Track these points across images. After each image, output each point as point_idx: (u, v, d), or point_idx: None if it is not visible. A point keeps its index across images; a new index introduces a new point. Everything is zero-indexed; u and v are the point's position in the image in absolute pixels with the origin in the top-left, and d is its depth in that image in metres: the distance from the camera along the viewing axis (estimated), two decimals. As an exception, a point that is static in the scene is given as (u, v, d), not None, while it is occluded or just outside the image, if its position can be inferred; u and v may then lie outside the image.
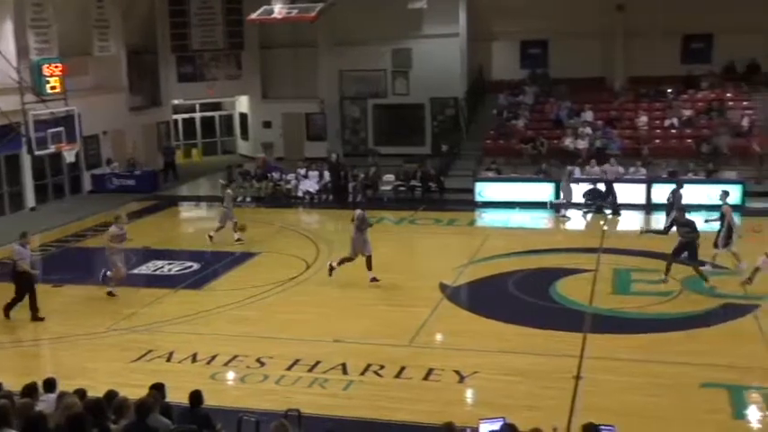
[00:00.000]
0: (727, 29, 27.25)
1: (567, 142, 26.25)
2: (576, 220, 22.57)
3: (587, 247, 19.06)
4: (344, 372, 12.13)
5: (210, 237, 20.11)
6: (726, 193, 17.47)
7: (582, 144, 26.03)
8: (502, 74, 30.57)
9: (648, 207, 22.88)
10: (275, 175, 26.86)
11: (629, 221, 22.12)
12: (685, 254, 15.63)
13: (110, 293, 16.08)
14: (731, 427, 10.24)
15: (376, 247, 16.58)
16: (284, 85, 32.66)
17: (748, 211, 21.72)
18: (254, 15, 23.01)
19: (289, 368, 12.26)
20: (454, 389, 11.58)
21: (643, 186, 23.42)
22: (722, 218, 16.50)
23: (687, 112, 27.02)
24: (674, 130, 26.74)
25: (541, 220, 22.85)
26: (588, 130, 26.59)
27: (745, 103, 27.17)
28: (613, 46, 28.71)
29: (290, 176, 26.54)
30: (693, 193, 22.52)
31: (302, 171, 26.46)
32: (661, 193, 22.83)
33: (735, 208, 21.66)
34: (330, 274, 16.48)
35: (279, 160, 29.78)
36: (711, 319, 14.11)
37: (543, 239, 20.01)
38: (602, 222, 21.91)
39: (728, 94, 27.62)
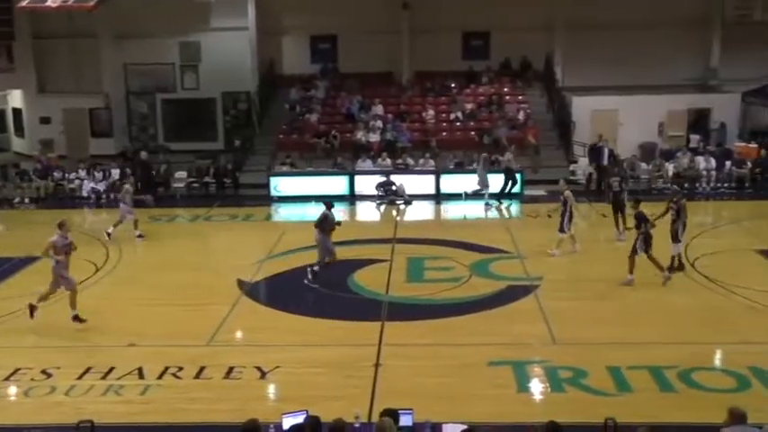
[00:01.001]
0: (503, 28, 29.09)
1: (359, 136, 26.83)
2: (370, 212, 23.17)
3: (382, 237, 19.61)
4: (141, 376, 11.67)
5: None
6: (568, 181, 18.65)
7: (374, 137, 26.72)
8: (293, 68, 30.64)
9: (438, 197, 23.95)
10: (57, 174, 25.27)
11: (421, 211, 23.06)
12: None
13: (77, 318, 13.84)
14: (516, 401, 10.93)
15: (170, 246, 16.07)
16: (63, 78, 30.61)
17: (526, 199, 23.35)
18: (24, 3, 21.44)
19: (79, 377, 11.60)
20: (256, 385, 11.50)
21: (432, 177, 24.49)
22: (565, 203, 17.51)
23: (469, 106, 28.52)
24: (458, 123, 28.13)
25: (338, 212, 23.18)
26: (379, 123, 27.34)
27: (520, 97, 29.13)
28: (400, 42, 29.67)
29: (73, 175, 25.10)
30: (476, 182, 24.01)
31: (84, 170, 25.11)
32: (450, 183, 24.10)
33: (515, 196, 23.44)
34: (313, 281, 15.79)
35: (61, 158, 27.97)
36: (497, 300, 15.01)
37: (340, 232, 20.29)
38: (395, 213, 22.65)
39: (505, 89, 29.48)
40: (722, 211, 22.22)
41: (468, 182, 23.63)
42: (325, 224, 15.81)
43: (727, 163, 24.44)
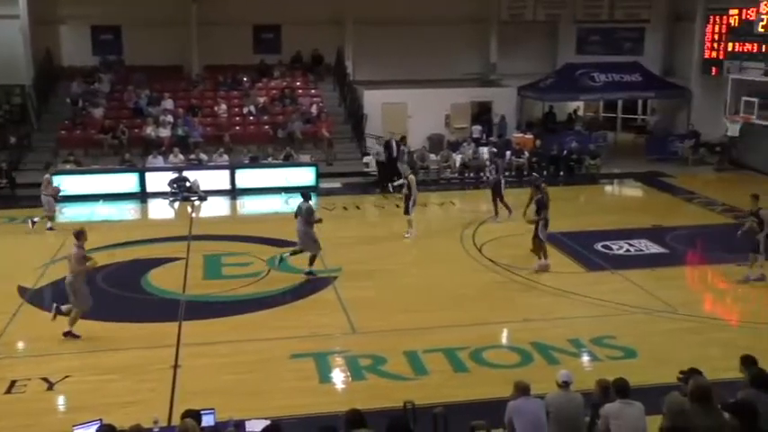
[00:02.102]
0: (293, 21, 29.15)
1: (149, 131, 25.83)
2: (164, 209, 22.41)
3: (177, 235, 19.04)
4: None
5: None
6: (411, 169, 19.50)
7: (164, 132, 25.83)
8: (73, 60, 28.89)
9: (234, 192, 23.62)
10: None
11: (216, 207, 22.63)
12: None
13: (69, 333, 12.70)
14: (319, 392, 11.06)
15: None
16: None
17: (321, 191, 23.60)
18: None
19: None
20: (43, 398, 10.78)
21: (227, 172, 24.09)
22: (409, 187, 18.30)
23: (262, 100, 28.34)
24: (252, 117, 27.86)
25: (127, 211, 22.28)
26: (169, 118, 26.46)
27: (313, 91, 29.36)
28: (188, 35, 28.84)
29: None
30: (273, 177, 24.02)
31: None
32: (245, 178, 23.83)
33: (311, 189, 23.60)
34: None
35: None
36: (297, 293, 15.07)
37: (131, 231, 19.49)
38: (189, 209, 22.06)
39: (298, 83, 29.60)
40: (505, 199, 23.59)
41: (264, 177, 23.60)
42: (309, 215, 15.61)
43: (507, 153, 26.06)
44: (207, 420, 8.05)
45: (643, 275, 15.78)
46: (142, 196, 23.21)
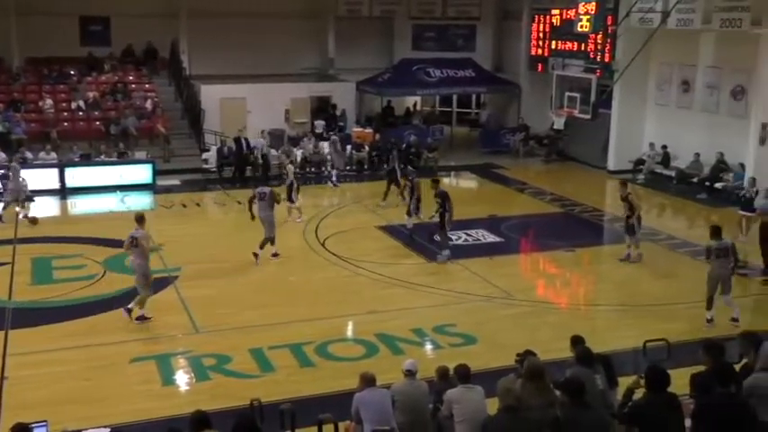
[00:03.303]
0: (123, 13, 28.03)
1: (-34, 128, 24.04)
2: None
3: (1, 238, 17.86)
4: None
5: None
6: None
7: (-17, 129, 24.12)
8: None
9: (64, 191, 22.39)
10: None
11: (45, 208, 21.35)
12: None
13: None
14: (161, 395, 10.75)
15: None
16: None
17: (159, 189, 22.87)
18: None
19: None
20: None
21: (56, 171, 22.79)
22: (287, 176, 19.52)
23: (92, 95, 27.05)
24: (81, 113, 26.54)
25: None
26: (-12, 114, 24.75)
27: (147, 86, 28.35)
28: (7, 25, 27.02)
29: None
30: (106, 175, 23.03)
31: None
32: (76, 176, 22.63)
33: (146, 187, 22.85)
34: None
35: None
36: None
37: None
38: (17, 210, 20.68)
39: (131, 77, 28.49)
40: (346, 193, 23.84)
41: (97, 175, 22.57)
42: (272, 200, 16.21)
43: (348, 147, 26.29)
44: (39, 433, 7.61)
45: (481, 264, 16.41)
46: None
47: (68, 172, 22.78)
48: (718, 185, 21.75)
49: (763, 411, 6.94)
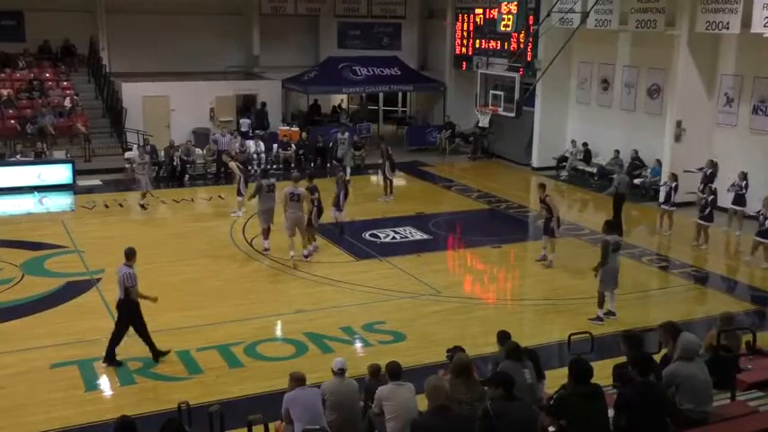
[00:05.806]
0: (38, 8, 27.14)
1: None
2: None
3: None
4: None
5: None
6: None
7: None
8: None
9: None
10: None
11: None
12: None
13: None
14: (84, 401, 10.47)
15: None
16: None
17: (80, 189, 22.24)
18: None
19: None
20: None
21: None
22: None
23: (6, 92, 26.10)
24: (-6, 111, 25.63)
25: None
26: None
27: (65, 83, 27.50)
28: None
29: None
30: (23, 175, 22.29)
31: None
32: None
33: (65, 187, 22.21)
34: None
35: None
36: (56, 299, 14.11)
37: None
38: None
39: (47, 74, 27.60)
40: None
41: (12, 175, 21.81)
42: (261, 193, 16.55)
43: (275, 146, 26.08)
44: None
45: (409, 261, 16.50)
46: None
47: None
48: (636, 182, 22.38)
49: (681, 399, 7.20)
